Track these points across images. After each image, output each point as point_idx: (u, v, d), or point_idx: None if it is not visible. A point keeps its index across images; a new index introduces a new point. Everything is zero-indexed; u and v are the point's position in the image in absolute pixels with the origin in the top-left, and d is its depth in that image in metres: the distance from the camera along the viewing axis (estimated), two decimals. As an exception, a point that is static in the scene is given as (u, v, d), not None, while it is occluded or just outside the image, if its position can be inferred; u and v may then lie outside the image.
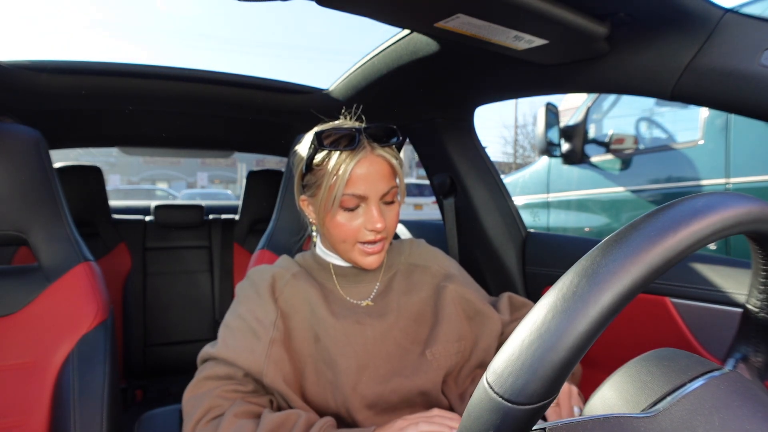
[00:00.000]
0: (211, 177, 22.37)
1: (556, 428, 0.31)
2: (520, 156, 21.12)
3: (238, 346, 0.70)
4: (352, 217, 0.72)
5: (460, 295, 0.83)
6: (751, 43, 0.63)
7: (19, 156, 0.89)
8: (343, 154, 0.69)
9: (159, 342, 1.98)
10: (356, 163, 0.69)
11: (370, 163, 0.70)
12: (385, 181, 0.72)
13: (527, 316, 0.29)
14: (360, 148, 0.70)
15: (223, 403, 0.67)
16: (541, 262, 1.17)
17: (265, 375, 0.68)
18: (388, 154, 0.72)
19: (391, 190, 0.73)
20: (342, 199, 0.70)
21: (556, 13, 0.64)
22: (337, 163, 0.69)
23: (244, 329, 0.72)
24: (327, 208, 0.72)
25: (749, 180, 1.97)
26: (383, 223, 0.71)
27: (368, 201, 0.71)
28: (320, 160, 0.71)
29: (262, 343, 0.70)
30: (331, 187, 0.69)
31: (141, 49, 67.10)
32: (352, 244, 0.74)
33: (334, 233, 0.74)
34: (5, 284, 0.86)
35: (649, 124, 2.65)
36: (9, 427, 0.78)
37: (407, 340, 0.76)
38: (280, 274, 0.78)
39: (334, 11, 0.66)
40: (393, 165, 0.73)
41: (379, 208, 0.72)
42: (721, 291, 0.83)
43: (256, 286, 0.76)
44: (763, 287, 0.40)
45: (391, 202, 0.75)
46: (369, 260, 0.75)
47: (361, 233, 0.73)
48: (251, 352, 0.69)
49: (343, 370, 0.69)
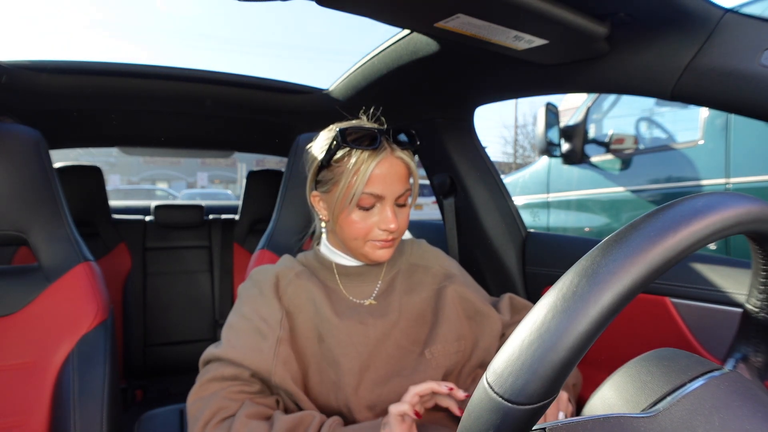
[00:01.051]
0: (211, 177, 22.37)
1: (556, 428, 0.31)
2: (520, 156, 21.12)
3: (244, 346, 0.70)
4: (366, 216, 0.73)
5: (460, 295, 0.83)
6: (751, 43, 0.63)
7: (19, 156, 0.89)
8: (364, 153, 0.70)
9: (159, 342, 1.98)
10: (377, 164, 0.70)
11: (390, 164, 0.72)
12: (402, 183, 0.73)
13: (527, 316, 0.29)
14: (381, 149, 0.71)
15: (231, 404, 0.66)
16: (541, 262, 1.17)
17: (274, 374, 0.68)
18: (406, 157, 0.74)
19: (405, 192, 0.75)
20: (360, 198, 0.71)
21: (556, 13, 0.64)
22: (358, 161, 0.70)
23: (249, 329, 0.71)
24: (344, 205, 0.72)
25: (749, 180, 1.97)
26: (396, 224, 0.73)
27: (384, 201, 0.73)
28: (340, 157, 0.72)
29: (269, 343, 0.69)
30: (350, 185, 0.71)
31: (141, 49, 67.19)
32: (364, 242, 0.75)
33: (346, 230, 0.74)
34: (5, 284, 0.86)
35: (649, 124, 2.65)
36: (9, 427, 0.78)
37: (407, 341, 0.76)
38: (284, 273, 0.78)
39: (334, 11, 0.66)
40: (410, 167, 0.75)
41: (393, 209, 0.73)
42: (721, 291, 0.83)
43: (259, 285, 0.76)
44: (763, 287, 0.40)
45: (404, 204, 0.76)
46: (380, 252, 0.76)
47: (374, 232, 0.74)
48: (258, 352, 0.69)
49: (345, 370, 0.69)
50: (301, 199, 1.10)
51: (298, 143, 1.12)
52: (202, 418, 0.64)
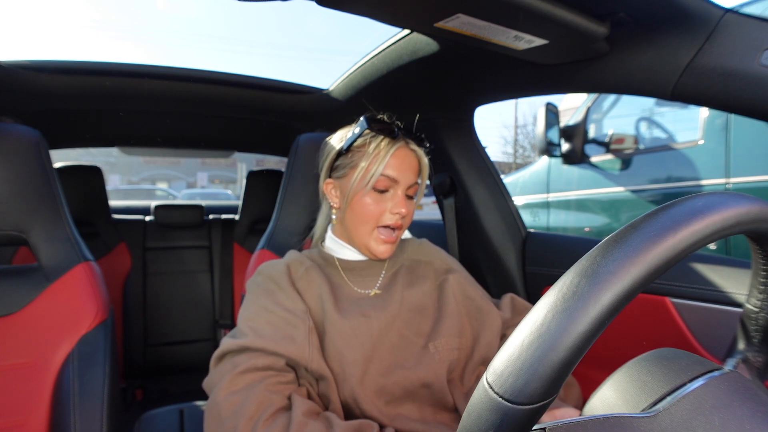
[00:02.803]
0: (211, 177, 22.38)
1: (556, 428, 0.31)
2: (520, 156, 21.12)
3: (274, 335, 0.69)
4: (380, 199, 0.78)
5: (461, 291, 0.85)
6: (751, 43, 0.63)
7: (19, 156, 0.89)
8: (385, 140, 0.78)
9: (159, 342, 1.98)
10: (395, 150, 0.78)
11: (405, 154, 0.79)
12: (413, 174, 0.80)
13: (527, 315, 0.29)
14: (398, 139, 0.79)
15: (274, 397, 0.64)
16: (541, 262, 1.17)
17: (311, 361, 0.68)
18: (419, 150, 0.82)
19: (415, 184, 0.81)
20: (377, 180, 0.76)
21: (556, 13, 0.64)
22: (378, 146, 0.77)
23: (276, 320, 0.71)
24: (360, 186, 0.77)
25: (749, 180, 1.97)
26: (406, 209, 0.78)
27: (397, 187, 0.78)
28: (360, 144, 0.79)
29: (301, 332, 0.70)
30: (369, 166, 0.76)
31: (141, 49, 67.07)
32: (372, 228, 0.79)
33: (358, 213, 0.78)
34: (5, 284, 0.86)
35: (649, 124, 2.65)
36: (9, 427, 0.78)
37: (410, 332, 0.77)
38: (295, 266, 0.80)
39: (334, 11, 0.66)
40: (421, 162, 0.82)
41: (404, 196, 0.79)
42: (721, 291, 0.83)
43: (275, 279, 0.77)
44: (763, 287, 0.40)
45: (411, 197, 0.81)
46: (382, 248, 0.79)
47: (385, 216, 0.78)
48: (291, 340, 0.69)
49: (350, 362, 0.70)
50: (301, 199, 1.10)
51: (298, 143, 1.12)
52: (246, 413, 0.61)
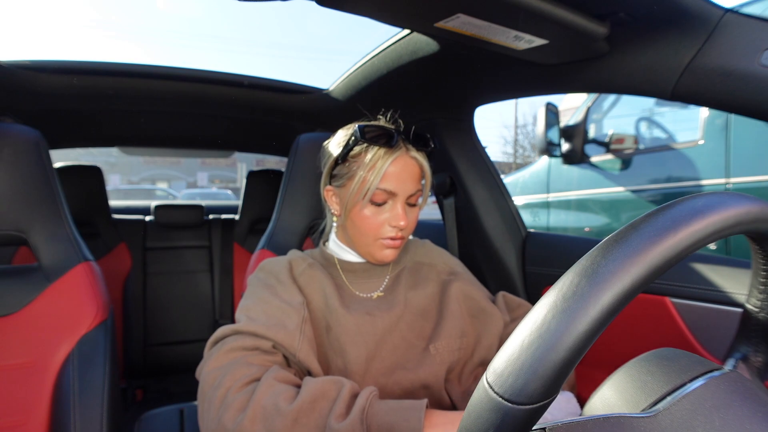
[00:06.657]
0: (211, 177, 22.37)
1: (556, 428, 0.31)
2: (520, 156, 21.11)
3: (267, 321, 0.69)
4: (378, 212, 0.75)
5: (464, 292, 0.85)
6: (751, 43, 0.63)
7: (19, 156, 0.89)
8: (380, 150, 0.73)
9: (159, 342, 1.98)
10: (392, 161, 0.73)
11: (404, 162, 0.74)
12: (414, 182, 0.76)
13: (527, 315, 0.29)
14: (397, 148, 0.74)
15: (254, 369, 0.63)
16: (541, 262, 1.17)
17: (299, 351, 0.68)
18: (420, 157, 0.77)
19: (417, 192, 0.77)
20: (374, 193, 0.73)
21: (556, 13, 0.64)
22: (374, 157, 0.73)
23: (271, 309, 0.71)
24: (357, 199, 0.74)
25: (749, 180, 1.97)
26: (407, 222, 0.75)
27: (396, 199, 0.75)
28: (357, 152, 0.75)
29: (294, 321, 0.70)
30: (365, 180, 0.73)
31: (141, 49, 67.13)
32: (373, 239, 0.76)
33: (358, 225, 0.76)
34: (5, 284, 0.86)
35: (649, 124, 2.65)
36: (9, 427, 0.78)
37: (412, 335, 0.77)
38: (297, 262, 0.80)
39: (334, 11, 0.66)
40: (423, 168, 0.77)
41: (404, 207, 0.75)
42: (721, 291, 0.83)
43: (275, 274, 0.77)
44: (763, 287, 0.40)
45: (414, 204, 0.78)
46: (386, 252, 0.77)
47: (384, 229, 0.75)
48: (283, 327, 0.68)
49: (353, 359, 0.70)
50: (301, 199, 1.10)
51: (298, 143, 1.12)
52: (224, 384, 0.61)
